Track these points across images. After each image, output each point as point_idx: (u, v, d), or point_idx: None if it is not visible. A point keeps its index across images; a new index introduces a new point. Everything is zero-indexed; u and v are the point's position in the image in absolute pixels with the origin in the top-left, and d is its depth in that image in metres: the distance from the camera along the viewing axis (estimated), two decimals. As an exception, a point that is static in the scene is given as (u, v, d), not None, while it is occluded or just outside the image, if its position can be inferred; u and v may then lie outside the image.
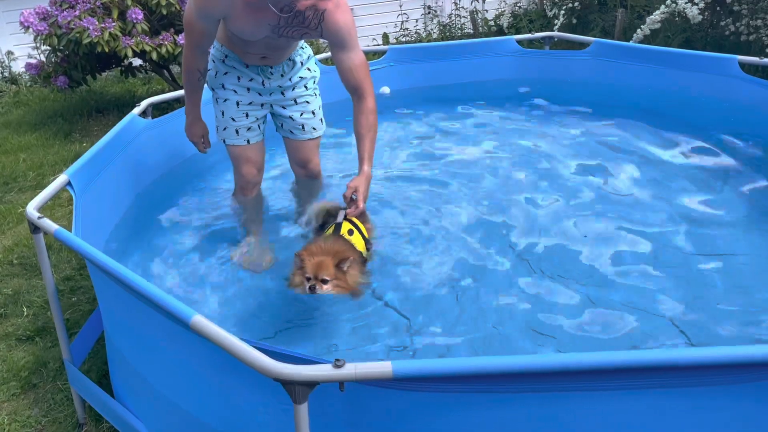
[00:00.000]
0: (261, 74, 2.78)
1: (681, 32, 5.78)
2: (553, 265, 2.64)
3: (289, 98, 2.85)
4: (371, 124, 2.55)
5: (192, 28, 2.53)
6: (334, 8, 2.40)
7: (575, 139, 4.00)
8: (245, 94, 2.80)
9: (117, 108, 6.56)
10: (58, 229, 2.03)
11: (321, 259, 2.22)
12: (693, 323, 2.26)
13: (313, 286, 2.21)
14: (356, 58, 2.50)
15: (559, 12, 7.33)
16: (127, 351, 2.06)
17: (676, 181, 3.35)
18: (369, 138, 2.54)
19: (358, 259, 2.36)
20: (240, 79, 2.78)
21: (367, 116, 2.54)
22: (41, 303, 3.04)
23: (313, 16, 2.40)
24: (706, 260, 2.63)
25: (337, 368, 1.28)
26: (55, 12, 5.52)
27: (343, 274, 2.25)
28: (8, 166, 4.97)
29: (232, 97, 2.79)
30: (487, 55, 4.84)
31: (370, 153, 2.56)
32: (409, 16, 10.00)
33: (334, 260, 2.23)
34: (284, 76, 2.81)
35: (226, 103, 2.81)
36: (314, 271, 2.21)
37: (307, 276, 2.22)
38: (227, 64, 2.77)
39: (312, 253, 2.26)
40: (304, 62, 2.86)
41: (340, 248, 2.32)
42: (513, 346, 2.19)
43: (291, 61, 2.81)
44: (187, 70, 2.70)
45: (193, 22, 2.50)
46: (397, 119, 4.54)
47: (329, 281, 2.21)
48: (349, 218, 2.52)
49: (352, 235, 2.47)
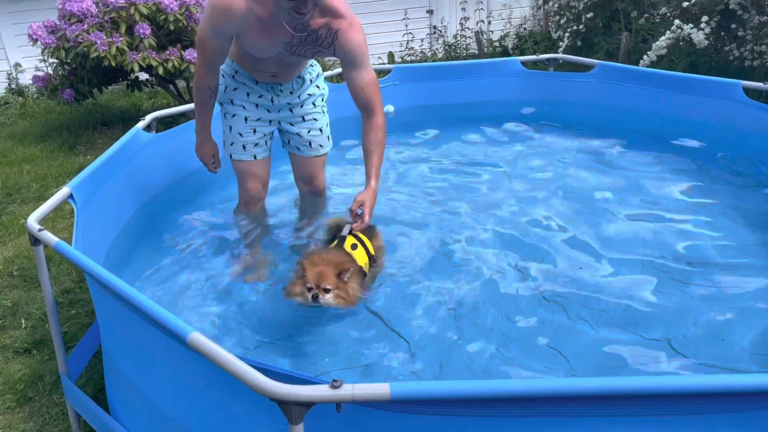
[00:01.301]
0: (270, 91, 2.79)
1: (686, 56, 5.80)
2: (557, 289, 2.61)
3: (297, 115, 2.87)
4: (380, 140, 2.58)
5: (205, 45, 2.53)
6: (348, 27, 2.43)
7: (578, 162, 4.00)
8: (254, 110, 2.81)
9: (122, 121, 6.59)
10: (58, 242, 2.03)
11: (322, 269, 2.24)
12: (695, 349, 2.23)
13: (316, 295, 2.22)
14: (367, 76, 2.53)
15: (564, 34, 7.38)
16: (124, 366, 2.04)
17: (679, 204, 3.34)
18: (377, 154, 2.57)
19: (357, 271, 2.37)
20: (249, 95, 2.79)
21: (376, 132, 2.56)
22: (40, 315, 3.03)
23: (327, 34, 2.42)
24: (706, 285, 2.61)
25: (334, 389, 1.27)
26: (64, 26, 5.57)
27: (344, 284, 2.27)
28: (12, 177, 4.99)
29: (241, 113, 2.80)
30: (491, 75, 4.85)
31: (378, 168, 2.58)
32: (415, 36, 10.08)
33: (335, 270, 2.25)
34: (293, 93, 2.83)
35: (234, 119, 2.81)
36: (316, 279, 2.23)
37: (308, 285, 2.24)
38: (237, 80, 2.78)
39: (313, 263, 2.28)
40: (314, 80, 2.88)
41: (341, 259, 2.34)
42: (513, 370, 2.16)
43: (300, 78, 2.83)
44: (199, 88, 2.69)
45: (207, 39, 2.51)
46: (401, 138, 4.54)
47: (331, 290, 2.23)
48: (354, 233, 2.53)
49: (356, 250, 2.48)
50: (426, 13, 10.40)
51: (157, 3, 5.57)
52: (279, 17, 2.32)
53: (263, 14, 2.37)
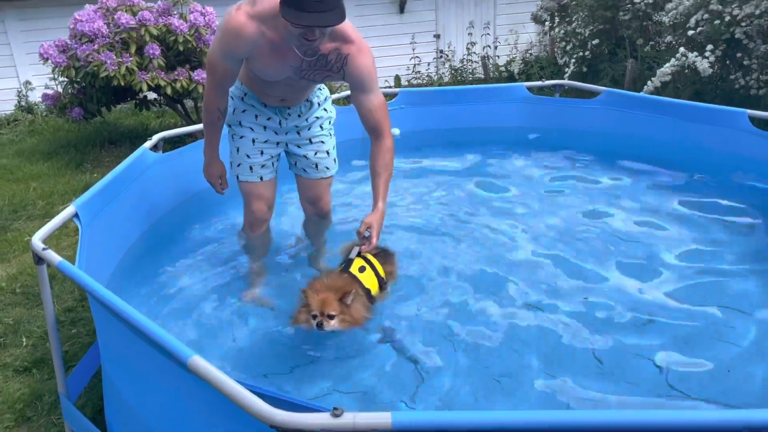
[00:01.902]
0: (279, 114, 2.82)
1: (691, 84, 5.83)
2: (563, 316, 2.59)
3: (305, 137, 2.89)
4: (387, 162, 2.59)
5: (215, 67, 2.55)
6: (357, 52, 2.45)
7: (583, 187, 4.00)
8: (261, 132, 2.83)
9: (129, 140, 6.64)
10: (61, 261, 2.02)
11: (325, 296, 2.26)
12: (701, 381, 2.20)
13: (321, 323, 2.24)
14: (376, 100, 2.55)
15: (570, 60, 7.43)
16: (123, 388, 2.02)
17: (684, 230, 3.33)
18: (385, 176, 2.58)
19: (360, 292, 2.38)
20: (258, 118, 2.81)
21: (384, 155, 2.58)
22: (41, 333, 3.02)
23: (336, 59, 2.44)
24: (712, 310, 2.59)
25: (335, 417, 1.25)
26: (75, 45, 5.64)
27: (348, 307, 2.27)
28: (18, 194, 5.01)
29: (249, 135, 2.82)
30: (497, 100, 4.88)
31: (385, 190, 2.59)
32: (422, 60, 10.16)
33: (336, 295, 2.26)
34: (301, 116, 2.85)
35: (242, 140, 2.82)
36: (320, 307, 2.24)
37: (313, 313, 2.25)
38: (246, 102, 2.80)
39: (316, 290, 2.29)
40: (321, 103, 2.90)
41: (342, 283, 2.35)
42: (517, 401, 2.13)
43: (308, 101, 2.85)
44: (208, 109, 2.71)
45: (217, 62, 2.52)
46: (407, 161, 4.55)
47: (335, 316, 2.24)
48: (363, 255, 2.54)
49: (364, 272, 2.48)
50: (433, 38, 10.51)
51: (167, 24, 5.64)
52: (289, 42, 2.34)
53: (274, 38, 2.39)
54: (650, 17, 6.85)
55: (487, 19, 10.47)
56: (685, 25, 5.89)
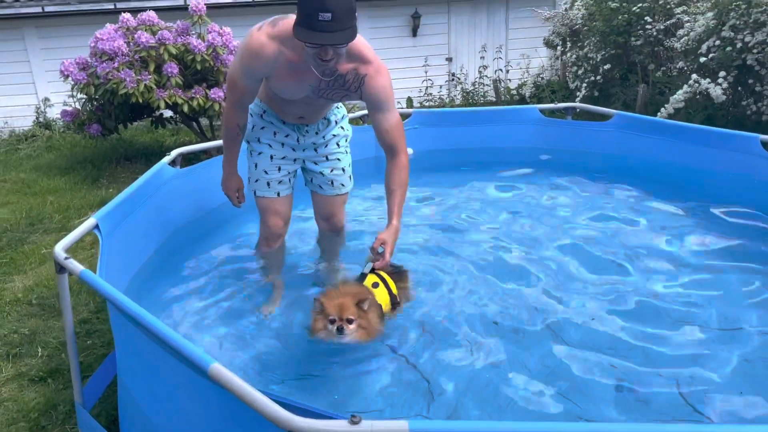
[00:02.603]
0: (296, 131, 2.87)
1: (703, 110, 5.86)
2: (575, 333, 2.60)
3: (321, 154, 2.93)
4: (403, 180, 2.61)
5: (235, 85, 2.60)
6: (375, 73, 2.50)
7: (595, 210, 4.01)
8: (279, 148, 2.88)
9: (145, 156, 6.73)
10: (83, 271, 2.06)
11: (341, 300, 2.25)
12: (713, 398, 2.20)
13: (341, 327, 2.21)
14: (392, 119, 2.59)
15: (582, 84, 7.49)
16: (140, 397, 2.04)
17: (696, 254, 3.33)
18: (399, 193, 2.60)
19: (375, 303, 2.38)
20: (276, 135, 2.87)
21: (400, 172, 2.61)
22: (56, 344, 3.05)
23: (354, 79, 2.50)
24: (722, 331, 2.58)
25: (353, 425, 1.26)
26: (95, 63, 5.75)
27: (365, 312, 2.26)
28: (35, 208, 5.08)
29: (267, 151, 2.87)
30: (510, 122, 4.93)
31: (400, 207, 2.61)
32: (434, 82, 10.27)
33: (353, 300, 2.25)
34: (318, 133, 2.90)
35: (260, 156, 2.88)
36: (338, 311, 2.23)
37: (331, 318, 2.23)
38: (265, 119, 2.86)
39: (331, 297, 2.29)
40: (338, 121, 2.96)
41: (358, 289, 2.36)
42: (532, 412, 2.14)
43: (326, 119, 2.90)
44: (227, 125, 2.76)
45: (237, 79, 2.58)
46: (419, 181, 4.59)
47: (354, 320, 2.23)
48: (376, 271, 2.55)
49: (377, 288, 2.49)
50: (445, 61, 10.63)
51: (185, 44, 5.75)
52: (307, 62, 2.40)
53: (293, 58, 2.45)
54: (662, 43, 6.92)
55: (499, 43, 10.59)
56: (696, 51, 5.94)
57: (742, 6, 5.50)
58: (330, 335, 2.26)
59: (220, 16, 7.91)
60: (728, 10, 5.61)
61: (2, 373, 2.85)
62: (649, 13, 6.78)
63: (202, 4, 5.96)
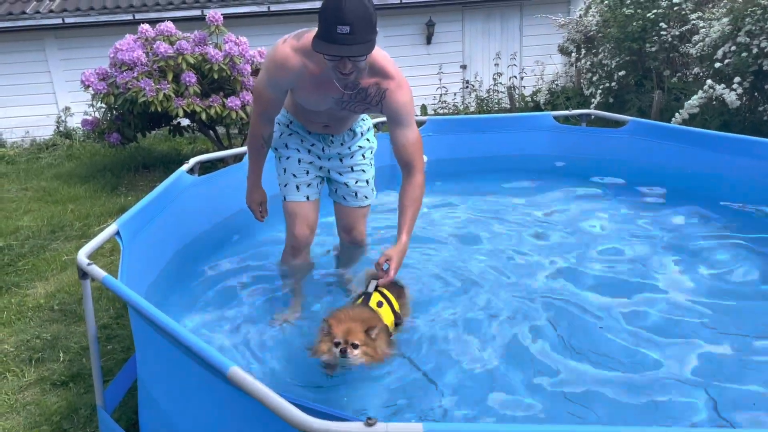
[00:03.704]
0: (322, 141, 2.90)
1: (718, 115, 5.83)
2: (586, 341, 2.60)
3: (347, 165, 2.96)
4: (416, 197, 2.59)
5: (261, 95, 2.65)
6: (396, 88, 2.52)
7: (610, 216, 4.01)
8: (306, 154, 2.91)
9: (163, 164, 6.83)
10: (106, 276, 2.11)
11: (350, 325, 2.20)
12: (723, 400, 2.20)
13: (344, 350, 2.16)
14: (411, 135, 2.58)
15: (596, 91, 7.48)
16: (160, 400, 2.09)
17: (713, 261, 3.32)
18: (412, 210, 2.57)
19: (385, 329, 2.34)
20: (303, 142, 2.91)
21: (414, 189, 2.59)
22: (78, 349, 3.11)
23: (376, 93, 2.53)
24: (736, 336, 2.58)
25: (368, 426, 1.29)
26: (115, 73, 5.86)
27: (372, 341, 2.21)
28: (57, 216, 5.18)
29: (295, 155, 2.90)
30: (524, 129, 4.94)
31: (410, 225, 2.58)
32: (448, 90, 10.31)
33: (363, 326, 2.20)
34: (344, 144, 2.93)
35: (288, 161, 2.90)
36: (344, 335, 2.18)
37: (336, 341, 2.19)
38: (291, 128, 2.90)
39: (340, 320, 2.24)
40: (364, 133, 2.99)
41: (368, 315, 2.30)
42: (545, 415, 2.15)
43: (352, 131, 2.93)
44: (253, 136, 2.81)
45: (263, 90, 2.63)
46: (434, 188, 4.62)
47: (359, 346, 2.17)
48: (380, 290, 2.50)
49: (381, 307, 2.44)
50: (460, 68, 10.67)
51: (203, 53, 5.84)
52: (329, 75, 2.43)
53: (315, 71, 2.49)
54: (677, 49, 6.90)
55: (513, 50, 10.60)
56: (712, 57, 5.92)
57: (757, 11, 5.47)
58: (332, 357, 2.20)
59: (237, 26, 8.01)
60: (744, 16, 5.59)
61: (25, 377, 2.92)
62: (663, 19, 6.77)
63: (219, 15, 6.05)
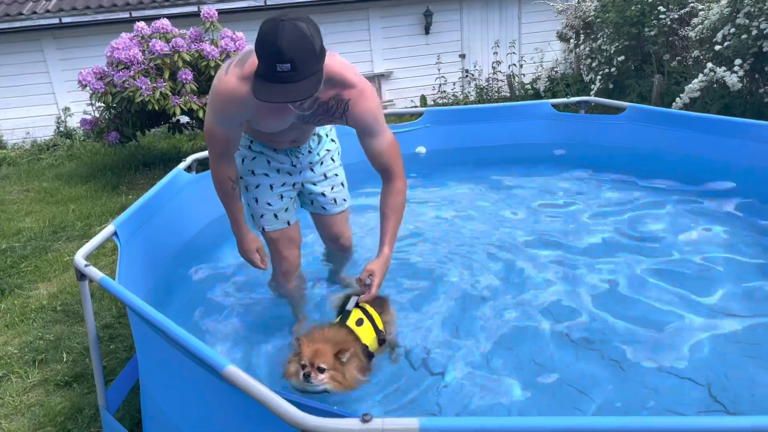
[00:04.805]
0: (290, 155, 2.67)
1: (719, 99, 5.79)
2: (587, 331, 2.60)
3: (319, 174, 2.76)
4: (398, 205, 2.42)
5: (214, 136, 2.35)
6: (358, 96, 2.28)
7: (610, 203, 4.00)
8: (277, 176, 2.67)
9: (163, 162, 6.83)
10: (103, 277, 2.12)
11: (319, 346, 2.07)
12: (727, 391, 2.19)
13: (308, 374, 2.01)
14: (384, 141, 2.37)
15: (596, 77, 7.43)
16: (161, 400, 2.09)
17: (712, 248, 3.31)
18: (394, 219, 2.41)
19: (359, 353, 2.18)
20: (270, 163, 2.66)
21: (396, 197, 2.41)
22: (81, 350, 3.12)
23: (337, 105, 2.30)
24: (741, 324, 2.57)
25: (364, 423, 1.29)
26: (112, 72, 5.85)
27: (341, 365, 2.06)
28: (58, 216, 5.19)
29: (265, 181, 2.65)
30: (523, 118, 4.91)
31: (393, 235, 2.42)
32: (447, 79, 10.27)
33: (333, 348, 2.07)
34: (312, 152, 2.73)
35: (258, 189, 2.65)
36: (311, 357, 2.04)
37: (302, 363, 2.04)
38: (254, 149, 2.65)
39: (312, 340, 2.12)
40: (328, 134, 2.81)
41: (341, 337, 2.16)
42: (543, 407, 2.15)
43: (317, 135, 2.74)
44: (219, 181, 2.48)
45: (214, 130, 2.34)
46: (432, 179, 4.61)
47: (326, 370, 2.03)
48: (361, 306, 2.35)
49: (361, 326, 2.28)
50: (458, 57, 10.62)
51: (199, 50, 5.83)
52: None
53: None
54: (676, 32, 6.84)
55: (512, 38, 10.56)
56: (711, 40, 5.87)
57: (756, -8, 5.42)
58: (298, 381, 2.05)
59: (233, 21, 7.99)
60: (742, -3, 5.54)
61: (29, 378, 2.93)
62: (662, 2, 6.71)
63: (214, 11, 6.03)
